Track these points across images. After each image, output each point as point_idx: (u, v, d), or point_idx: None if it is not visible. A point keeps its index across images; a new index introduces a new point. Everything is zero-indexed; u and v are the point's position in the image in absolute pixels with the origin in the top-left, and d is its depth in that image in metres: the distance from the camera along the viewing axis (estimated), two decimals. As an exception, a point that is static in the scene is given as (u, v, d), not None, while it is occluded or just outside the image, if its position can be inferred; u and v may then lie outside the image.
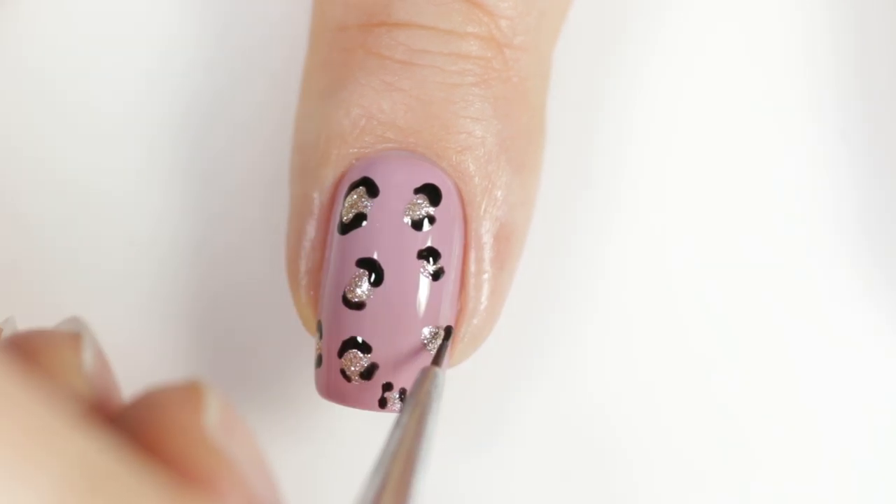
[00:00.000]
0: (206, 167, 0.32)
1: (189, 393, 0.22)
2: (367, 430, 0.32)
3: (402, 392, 0.28)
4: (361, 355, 0.28)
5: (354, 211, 0.28)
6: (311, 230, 0.29)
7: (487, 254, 0.29)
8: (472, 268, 0.29)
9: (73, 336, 0.23)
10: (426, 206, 0.28)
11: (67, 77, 0.33)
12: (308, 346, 0.31)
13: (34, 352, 0.23)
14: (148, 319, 0.32)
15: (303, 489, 0.32)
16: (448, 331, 0.29)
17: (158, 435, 0.21)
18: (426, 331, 0.28)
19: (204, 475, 0.21)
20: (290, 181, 0.30)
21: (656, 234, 0.32)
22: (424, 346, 0.28)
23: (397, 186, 0.28)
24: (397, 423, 0.25)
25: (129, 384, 0.32)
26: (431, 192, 0.28)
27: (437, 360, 0.28)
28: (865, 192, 0.32)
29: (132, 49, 0.33)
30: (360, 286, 0.28)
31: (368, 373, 0.28)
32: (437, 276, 0.28)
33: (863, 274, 0.32)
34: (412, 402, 0.26)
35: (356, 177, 0.28)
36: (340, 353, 0.28)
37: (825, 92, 0.32)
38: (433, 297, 0.28)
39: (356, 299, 0.28)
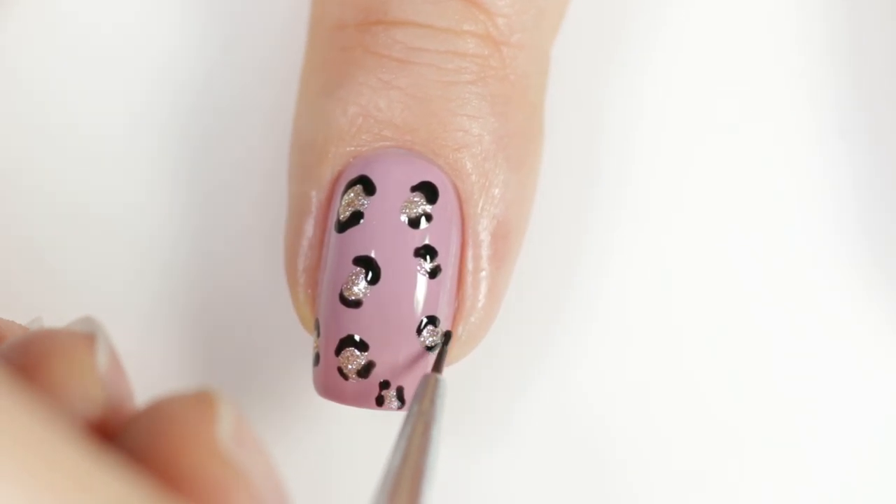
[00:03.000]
0: (204, 166, 0.32)
1: (202, 403, 0.22)
2: (364, 429, 0.32)
3: (400, 390, 0.28)
4: (358, 353, 0.28)
5: (351, 209, 0.28)
6: (308, 229, 0.29)
7: (485, 252, 0.29)
8: (470, 266, 0.29)
9: (87, 336, 0.23)
10: (423, 204, 0.28)
11: (64, 78, 0.33)
12: (306, 345, 0.31)
13: (46, 354, 0.22)
14: (145, 318, 0.32)
15: (301, 487, 0.32)
16: (447, 335, 0.29)
17: (171, 446, 0.21)
18: (424, 329, 0.28)
19: (216, 488, 0.21)
20: (289, 180, 0.30)
21: (655, 232, 0.32)
22: (422, 343, 0.28)
23: (394, 184, 0.28)
24: (401, 434, 0.25)
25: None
26: (428, 190, 0.28)
27: (437, 366, 0.28)
28: (865, 191, 0.32)
29: (127, 49, 0.33)
30: (357, 284, 0.28)
31: (365, 371, 0.28)
32: (434, 273, 0.28)
33: (863, 274, 0.32)
34: (416, 413, 0.26)
35: (353, 175, 0.28)
36: (338, 352, 0.28)
37: (825, 92, 0.32)
38: (430, 295, 0.28)
39: (353, 297, 0.28)
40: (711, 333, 0.32)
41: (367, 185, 0.28)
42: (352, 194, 0.28)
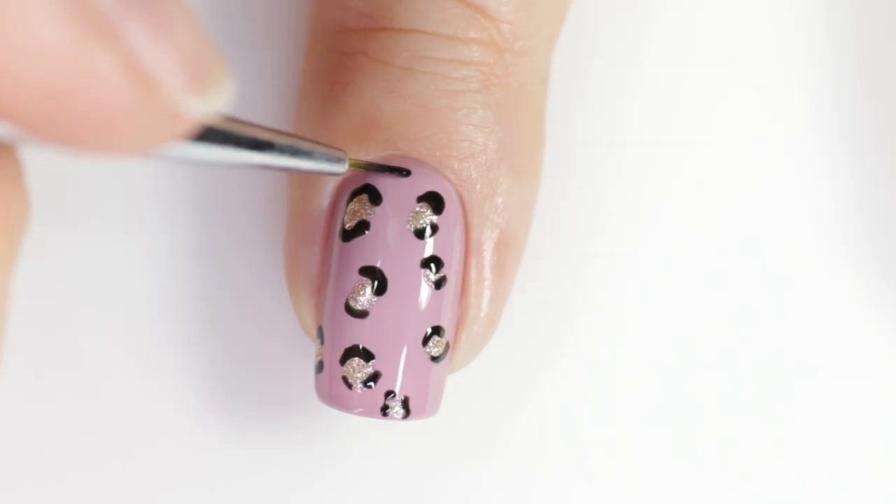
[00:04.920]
0: (205, 171, 0.32)
1: None
2: (367, 436, 0.32)
3: (405, 401, 0.28)
4: (364, 363, 0.28)
5: (357, 218, 0.28)
6: (310, 236, 0.29)
7: (488, 261, 0.29)
8: (473, 275, 0.29)
9: None
10: (429, 215, 0.28)
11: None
12: (308, 352, 0.31)
13: None
14: (147, 324, 0.32)
15: (302, 492, 0.32)
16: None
17: None
18: (430, 340, 0.28)
19: None
20: (290, 185, 0.30)
21: (656, 237, 0.32)
22: (427, 353, 0.28)
23: (400, 194, 0.28)
24: None
25: (128, 386, 0.32)
26: (434, 200, 0.28)
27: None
28: (866, 192, 0.32)
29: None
30: (364, 294, 0.28)
31: (371, 381, 0.28)
32: (439, 284, 0.28)
33: (863, 274, 0.32)
34: None
35: (358, 183, 0.28)
36: (343, 361, 0.28)
37: (825, 92, 0.32)
38: (435, 305, 0.28)
39: (359, 308, 0.28)
40: (711, 335, 0.32)
41: (373, 195, 0.28)
42: (357, 203, 0.28)
